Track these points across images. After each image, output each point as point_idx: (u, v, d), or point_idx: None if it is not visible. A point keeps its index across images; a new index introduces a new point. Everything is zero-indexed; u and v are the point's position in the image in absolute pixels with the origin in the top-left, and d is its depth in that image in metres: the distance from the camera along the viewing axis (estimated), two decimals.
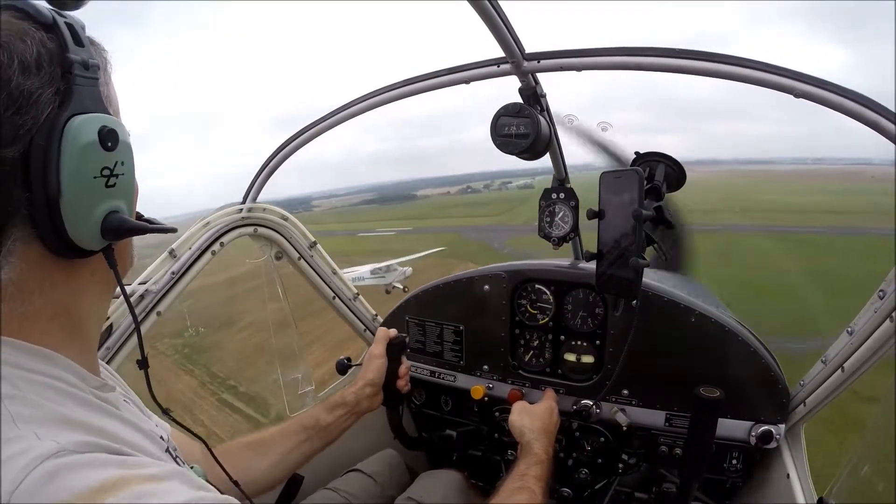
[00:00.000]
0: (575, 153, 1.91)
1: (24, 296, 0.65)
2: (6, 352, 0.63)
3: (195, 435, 1.05)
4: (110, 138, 0.65)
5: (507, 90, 1.62)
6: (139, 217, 0.78)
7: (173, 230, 0.89)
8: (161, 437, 0.84)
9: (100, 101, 0.67)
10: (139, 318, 1.56)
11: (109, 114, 0.67)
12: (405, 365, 1.67)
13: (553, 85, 1.68)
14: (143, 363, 0.80)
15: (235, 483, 1.11)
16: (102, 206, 0.66)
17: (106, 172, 0.66)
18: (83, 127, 0.62)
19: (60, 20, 0.64)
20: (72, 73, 0.63)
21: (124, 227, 0.68)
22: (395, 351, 1.64)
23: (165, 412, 0.83)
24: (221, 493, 0.68)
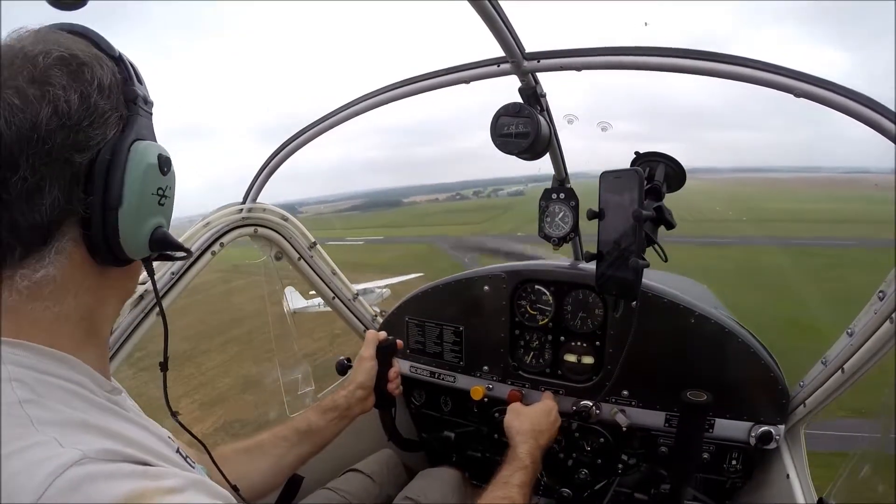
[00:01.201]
0: (573, 159, 1.88)
1: (60, 296, 0.68)
2: (23, 355, 0.64)
3: (197, 439, 1.06)
4: (165, 164, 0.74)
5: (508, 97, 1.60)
6: None
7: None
8: (169, 437, 0.85)
9: (153, 133, 0.76)
10: (140, 319, 1.56)
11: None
12: (395, 368, 1.67)
13: (553, 87, 1.67)
14: (164, 365, 0.90)
15: (234, 487, 1.11)
16: (153, 220, 0.75)
17: (160, 192, 0.75)
18: (148, 150, 0.72)
19: (126, 57, 0.72)
20: (135, 104, 0.71)
21: (168, 241, 0.77)
22: (384, 354, 1.63)
23: (174, 415, 0.90)
24: None
